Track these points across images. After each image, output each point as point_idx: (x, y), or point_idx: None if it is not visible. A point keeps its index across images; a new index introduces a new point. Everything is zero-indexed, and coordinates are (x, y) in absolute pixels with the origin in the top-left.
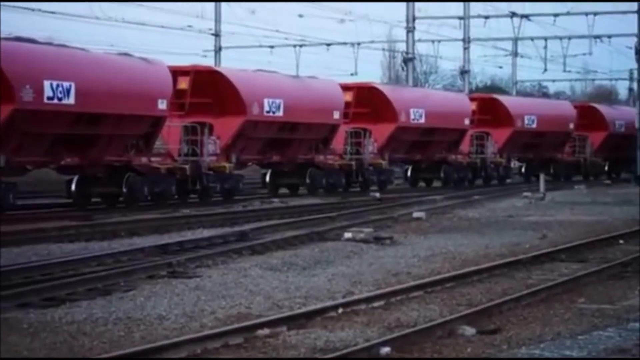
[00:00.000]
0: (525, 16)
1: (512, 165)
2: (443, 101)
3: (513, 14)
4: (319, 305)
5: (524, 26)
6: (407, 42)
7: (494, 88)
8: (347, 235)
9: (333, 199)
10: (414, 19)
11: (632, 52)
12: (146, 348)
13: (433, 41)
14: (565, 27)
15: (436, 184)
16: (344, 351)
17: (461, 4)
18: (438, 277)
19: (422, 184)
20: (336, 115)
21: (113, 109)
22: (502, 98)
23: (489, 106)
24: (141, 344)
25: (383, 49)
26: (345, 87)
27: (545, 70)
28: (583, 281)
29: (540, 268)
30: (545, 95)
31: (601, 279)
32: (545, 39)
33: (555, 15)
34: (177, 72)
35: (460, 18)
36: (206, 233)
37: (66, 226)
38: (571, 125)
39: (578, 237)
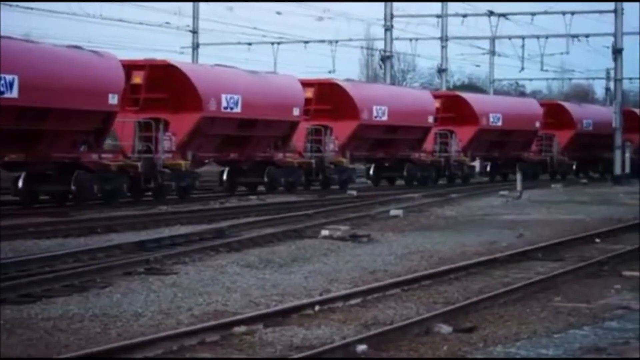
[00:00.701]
0: (503, 15)
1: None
2: (406, 98)
3: (491, 13)
4: (296, 303)
5: (501, 25)
6: (385, 40)
7: (471, 86)
8: (324, 232)
9: (310, 197)
10: (392, 17)
11: (609, 51)
12: (122, 345)
13: (411, 39)
14: (542, 26)
15: (399, 182)
16: (321, 349)
17: (439, 2)
18: (415, 275)
19: (384, 182)
20: (296, 111)
21: (60, 103)
22: (467, 95)
23: (453, 104)
24: (117, 340)
25: (361, 47)
26: (306, 83)
27: (523, 69)
28: (559, 280)
29: (517, 267)
30: (523, 94)
31: (578, 278)
32: (523, 37)
33: (533, 14)
34: (131, 67)
35: (438, 16)
36: (183, 230)
37: (43, 222)
38: (537, 124)
39: (555, 236)
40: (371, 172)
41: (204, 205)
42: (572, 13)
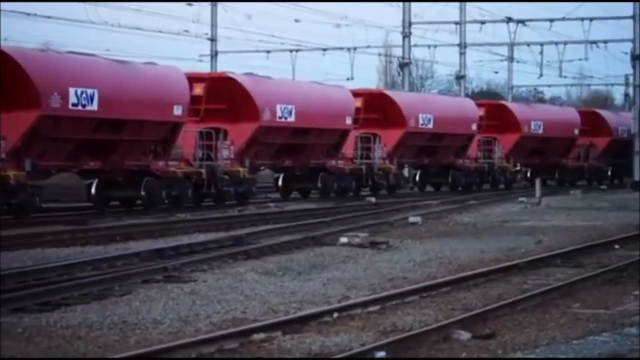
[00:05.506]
0: (521, 21)
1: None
2: (319, 96)
3: (509, 19)
4: (314, 310)
5: (520, 31)
6: (403, 47)
7: (490, 93)
8: (343, 239)
9: (328, 204)
10: (410, 24)
11: (628, 57)
12: (141, 352)
13: (429, 46)
14: (561, 32)
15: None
16: (339, 356)
17: (457, 9)
18: (433, 281)
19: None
20: (177, 110)
21: None
22: (392, 94)
23: (377, 103)
24: (136, 348)
25: (379, 54)
26: (195, 78)
27: (541, 75)
28: (578, 286)
29: (536, 273)
30: (541, 100)
31: (596, 284)
32: (541, 44)
33: (551, 20)
34: None
35: (456, 23)
36: (202, 237)
37: (61, 231)
38: (474, 126)
39: (573, 242)
40: (280, 183)
41: (222, 213)
42: (591, 19)
